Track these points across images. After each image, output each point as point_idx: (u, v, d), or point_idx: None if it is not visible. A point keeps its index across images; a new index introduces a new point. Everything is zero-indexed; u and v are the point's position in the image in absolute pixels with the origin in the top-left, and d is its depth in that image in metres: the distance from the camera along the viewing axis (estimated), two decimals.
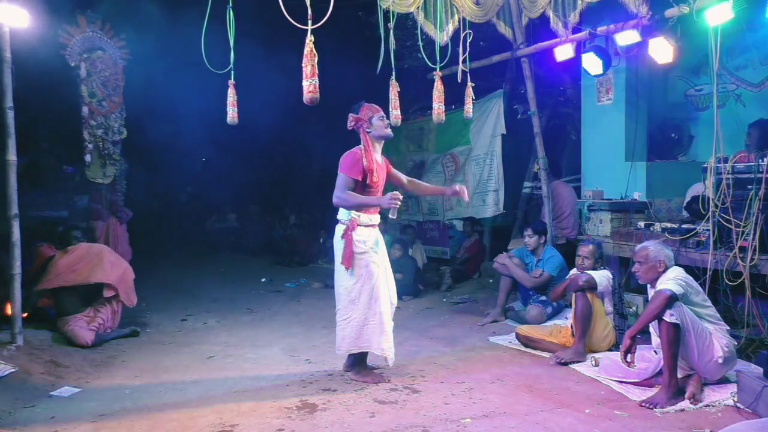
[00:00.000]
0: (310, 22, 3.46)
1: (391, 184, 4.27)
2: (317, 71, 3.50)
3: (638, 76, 6.54)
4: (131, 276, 5.44)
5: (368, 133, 3.99)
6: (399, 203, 3.79)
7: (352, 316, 3.95)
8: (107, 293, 5.17)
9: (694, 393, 3.54)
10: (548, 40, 6.35)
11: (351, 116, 4.01)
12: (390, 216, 3.90)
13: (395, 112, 4.53)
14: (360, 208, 3.95)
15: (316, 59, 3.49)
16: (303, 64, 3.49)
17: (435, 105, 4.93)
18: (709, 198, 4.53)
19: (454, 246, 8.89)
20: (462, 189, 4.32)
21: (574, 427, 3.25)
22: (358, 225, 3.93)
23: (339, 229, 4.00)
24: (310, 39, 3.47)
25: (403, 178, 4.41)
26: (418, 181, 4.69)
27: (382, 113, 4.07)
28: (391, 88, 4.59)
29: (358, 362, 4.11)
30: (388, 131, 4.07)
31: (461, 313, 6.34)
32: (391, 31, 4.63)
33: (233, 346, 5.11)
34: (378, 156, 4.06)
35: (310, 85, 3.48)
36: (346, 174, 3.90)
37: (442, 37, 5.45)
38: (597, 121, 6.97)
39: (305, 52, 3.47)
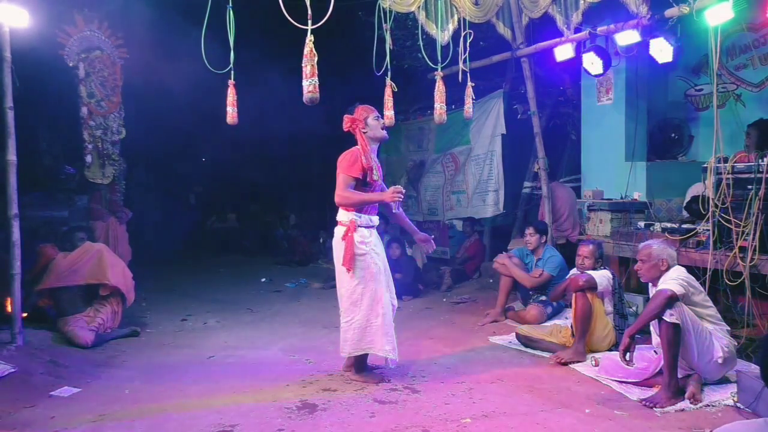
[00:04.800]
0: (309, 22, 3.46)
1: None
2: (317, 71, 3.50)
3: (638, 76, 6.54)
4: (130, 275, 5.46)
5: (364, 133, 4.00)
6: (401, 197, 3.80)
7: (354, 318, 3.95)
8: (103, 292, 5.18)
9: (694, 393, 3.53)
10: (548, 40, 6.36)
11: (346, 117, 4.01)
12: (394, 210, 3.90)
13: (389, 113, 4.54)
14: (360, 208, 3.95)
15: (316, 59, 3.50)
16: (303, 64, 3.49)
17: (437, 105, 4.93)
18: (709, 198, 4.53)
19: (454, 246, 8.89)
20: (429, 241, 4.33)
21: (574, 427, 3.24)
22: (358, 226, 3.93)
23: (339, 231, 3.99)
24: (309, 39, 3.47)
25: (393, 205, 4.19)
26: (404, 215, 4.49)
27: (377, 113, 4.08)
28: (386, 88, 4.60)
29: (358, 362, 4.11)
30: (383, 132, 4.09)
31: (461, 313, 6.33)
32: (388, 31, 4.64)
33: (233, 346, 5.11)
34: (374, 156, 4.07)
35: (309, 85, 3.48)
36: (346, 173, 3.91)
37: (443, 36, 5.46)
38: (597, 121, 6.97)
39: (305, 52, 3.47)
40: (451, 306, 6.72)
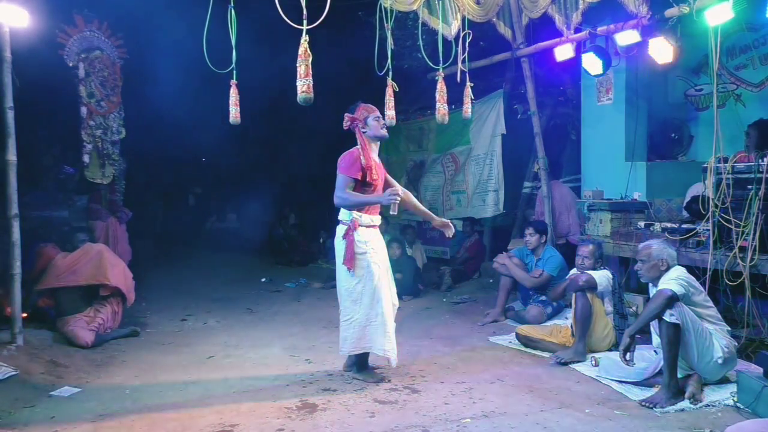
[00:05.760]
0: (305, 22, 3.46)
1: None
2: (311, 71, 3.51)
3: (638, 76, 6.53)
4: (130, 275, 5.46)
5: (364, 133, 4.00)
6: (399, 199, 3.81)
7: (354, 317, 3.96)
8: (104, 292, 5.18)
9: (694, 393, 3.54)
10: (548, 40, 6.36)
11: (347, 116, 4.02)
12: (391, 212, 3.91)
13: (390, 113, 4.54)
14: (361, 208, 3.95)
15: (311, 59, 3.50)
16: (297, 64, 3.50)
17: (438, 105, 4.94)
18: (709, 198, 4.53)
19: (454, 246, 8.88)
20: (449, 225, 4.39)
21: (574, 427, 3.25)
22: (359, 225, 3.93)
23: (340, 230, 4.00)
24: (304, 39, 3.47)
25: (398, 188, 4.33)
26: (413, 196, 4.58)
27: (377, 113, 4.08)
28: (387, 88, 4.60)
29: (359, 362, 4.11)
30: (384, 131, 4.08)
31: (461, 313, 6.33)
32: (388, 31, 4.64)
33: (233, 346, 5.11)
34: (375, 156, 4.06)
35: (303, 85, 3.49)
36: (345, 174, 3.91)
37: (448, 30, 5.46)
38: (597, 121, 6.97)
39: (300, 51, 3.47)
40: (451, 306, 6.72)
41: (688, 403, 3.49)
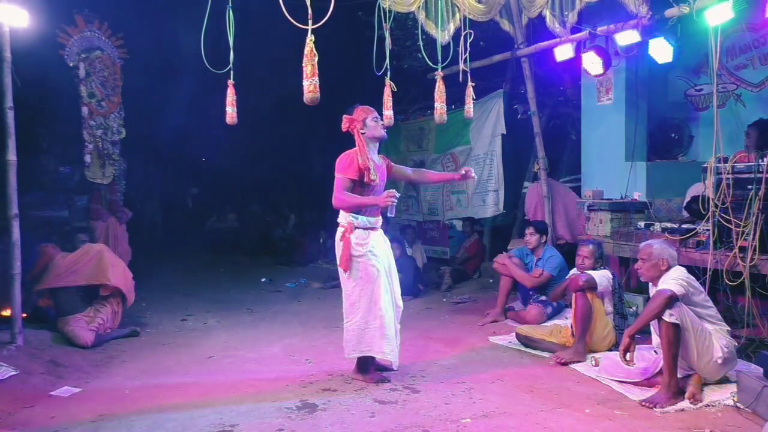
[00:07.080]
0: (310, 21, 3.46)
1: (393, 182, 4.26)
2: (317, 71, 3.51)
3: (638, 76, 6.54)
4: (130, 275, 5.46)
5: (362, 134, 3.99)
6: (395, 200, 3.81)
7: (353, 319, 3.95)
8: (104, 292, 5.18)
9: (694, 393, 3.53)
10: (548, 39, 6.36)
11: (345, 118, 4.01)
12: (388, 214, 3.91)
13: (388, 113, 4.54)
14: (359, 209, 3.95)
15: (317, 59, 3.50)
16: (303, 64, 3.49)
17: (437, 105, 4.94)
18: (709, 198, 4.53)
19: (454, 246, 8.89)
20: (468, 169, 4.28)
21: (574, 427, 3.25)
22: (355, 227, 3.93)
23: (338, 232, 4.00)
24: (310, 39, 3.47)
25: (408, 170, 4.46)
26: (425, 170, 4.67)
27: (375, 114, 4.07)
28: (385, 88, 4.60)
29: (360, 363, 4.10)
30: (382, 132, 4.08)
31: (461, 313, 6.33)
32: (387, 31, 4.65)
33: (233, 346, 5.11)
34: (375, 156, 4.06)
35: (310, 85, 3.49)
36: (342, 175, 3.90)
37: (443, 36, 5.46)
38: (597, 121, 6.97)
39: (305, 51, 3.47)
40: (451, 306, 6.72)
41: (688, 403, 3.49)
